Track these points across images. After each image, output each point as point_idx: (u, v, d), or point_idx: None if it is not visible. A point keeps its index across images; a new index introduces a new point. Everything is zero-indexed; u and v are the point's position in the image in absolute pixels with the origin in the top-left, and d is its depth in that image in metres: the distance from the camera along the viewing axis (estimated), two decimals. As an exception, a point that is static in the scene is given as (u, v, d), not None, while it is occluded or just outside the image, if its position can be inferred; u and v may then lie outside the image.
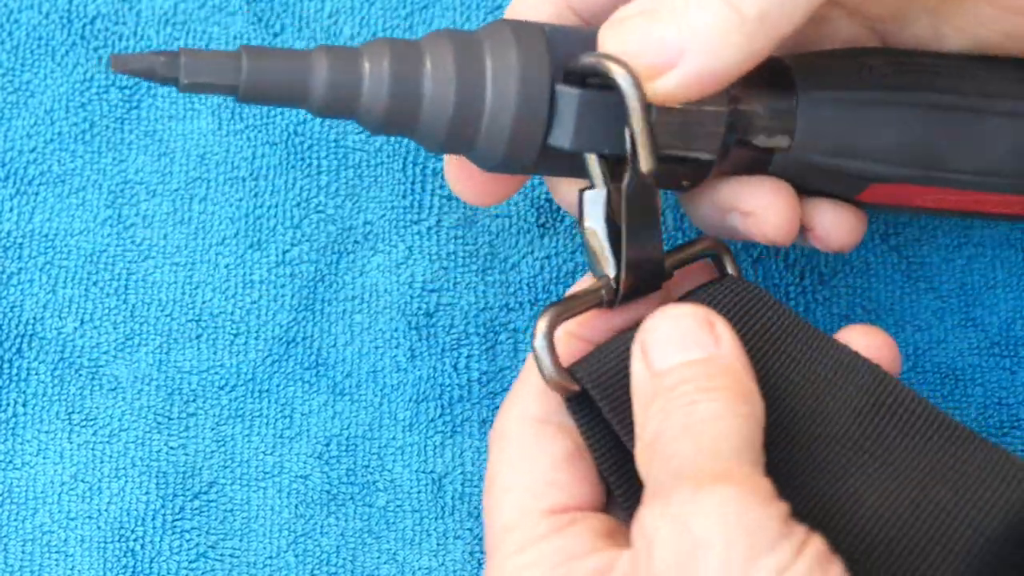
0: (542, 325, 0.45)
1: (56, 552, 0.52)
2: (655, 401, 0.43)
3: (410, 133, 0.45)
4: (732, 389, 0.42)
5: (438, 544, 0.52)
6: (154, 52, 0.44)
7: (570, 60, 0.45)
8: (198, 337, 0.54)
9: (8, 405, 0.53)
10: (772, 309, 0.46)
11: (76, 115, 0.55)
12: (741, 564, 0.38)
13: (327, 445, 0.53)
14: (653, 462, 0.42)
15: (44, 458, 0.53)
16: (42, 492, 0.52)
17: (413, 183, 0.55)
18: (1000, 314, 0.54)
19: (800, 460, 0.44)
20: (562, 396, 0.45)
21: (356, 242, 0.54)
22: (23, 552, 0.52)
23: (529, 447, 0.45)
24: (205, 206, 0.55)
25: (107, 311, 0.54)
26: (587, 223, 0.46)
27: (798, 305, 0.54)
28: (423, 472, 0.53)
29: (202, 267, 0.54)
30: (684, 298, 0.47)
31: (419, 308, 0.54)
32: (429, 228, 0.55)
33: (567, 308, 0.46)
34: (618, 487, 0.45)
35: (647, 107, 0.44)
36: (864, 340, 0.46)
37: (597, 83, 0.45)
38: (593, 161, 0.45)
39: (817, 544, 0.39)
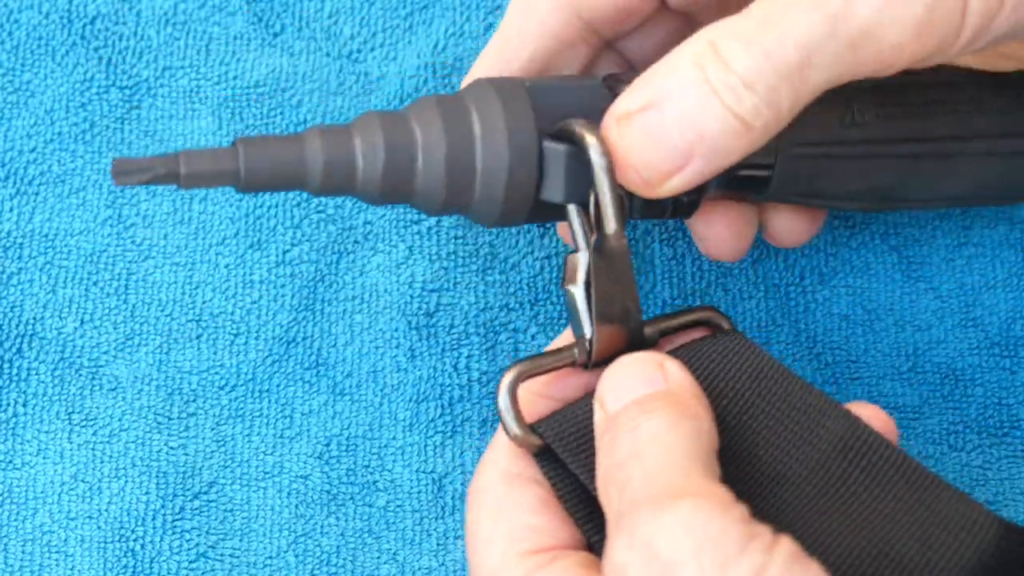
0: (505, 382, 0.46)
1: (56, 552, 0.52)
2: (604, 436, 0.43)
3: (408, 201, 0.46)
4: (672, 407, 0.43)
5: (438, 544, 0.52)
6: (153, 157, 0.44)
7: (553, 117, 0.45)
8: (198, 337, 0.54)
9: (8, 405, 0.53)
10: (754, 357, 0.46)
11: (76, 115, 0.56)
12: (716, 573, 0.38)
13: (327, 445, 0.53)
14: (610, 494, 0.42)
15: (44, 458, 0.53)
16: (42, 492, 0.52)
17: (413, 183, 0.55)
18: (1000, 314, 0.54)
19: (764, 505, 0.44)
20: (529, 452, 0.46)
21: (356, 242, 0.54)
22: (23, 552, 0.52)
23: (505, 499, 0.46)
24: (205, 206, 0.55)
25: (107, 311, 0.54)
26: (567, 283, 0.46)
27: (798, 305, 0.54)
28: (423, 472, 0.53)
29: (202, 267, 0.54)
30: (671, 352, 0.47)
31: (419, 308, 0.54)
32: (429, 228, 0.55)
33: (534, 366, 0.46)
34: (593, 535, 0.45)
35: (614, 184, 0.44)
36: (859, 412, 0.46)
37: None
38: (573, 215, 0.46)
39: (787, 543, 0.39)
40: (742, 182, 0.48)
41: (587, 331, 0.46)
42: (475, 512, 0.47)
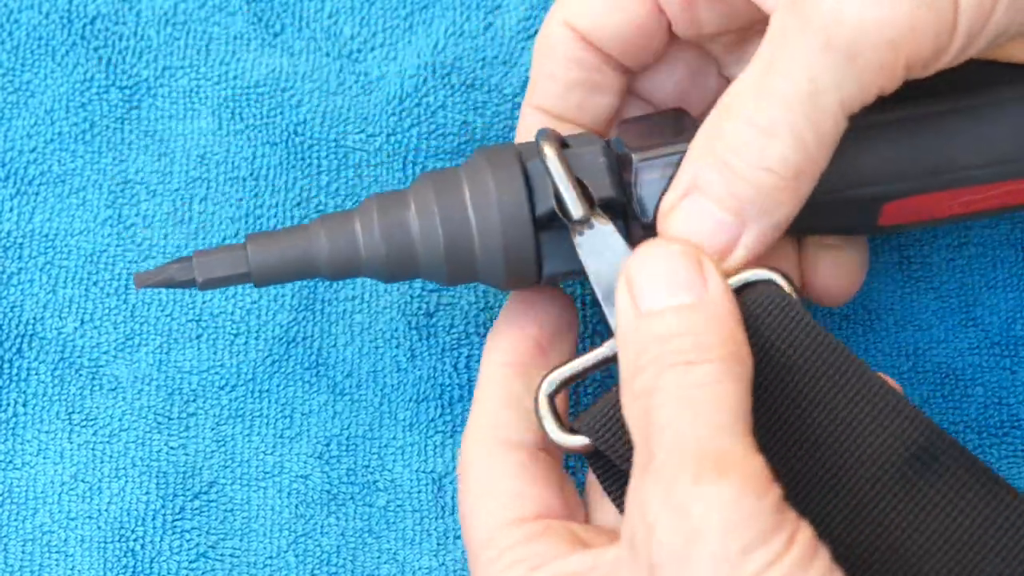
0: (544, 389, 0.46)
1: (56, 552, 0.52)
2: (647, 350, 0.42)
3: (417, 275, 0.48)
4: (726, 348, 0.42)
5: (438, 544, 0.52)
6: (169, 263, 0.48)
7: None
8: (198, 337, 0.54)
9: (8, 405, 0.53)
10: (818, 336, 0.45)
11: (76, 115, 0.56)
12: (734, 556, 0.39)
13: (327, 445, 0.53)
14: (649, 427, 0.42)
15: (44, 458, 0.53)
16: (42, 492, 0.52)
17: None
18: (1000, 314, 0.54)
19: (798, 486, 0.44)
20: (579, 453, 0.46)
21: (356, 242, 0.54)
22: (23, 552, 0.52)
23: (487, 469, 0.46)
24: (205, 206, 0.55)
25: (107, 311, 0.54)
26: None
27: (798, 305, 0.54)
28: (423, 472, 0.53)
29: (202, 267, 0.54)
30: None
31: (419, 308, 0.54)
32: (429, 228, 0.55)
33: (571, 370, 0.46)
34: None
35: (569, 172, 0.46)
36: None
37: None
38: (567, 192, 0.46)
39: (806, 534, 0.40)
40: None
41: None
42: (462, 489, 0.47)
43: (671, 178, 0.46)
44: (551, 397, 0.46)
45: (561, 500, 0.46)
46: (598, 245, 0.46)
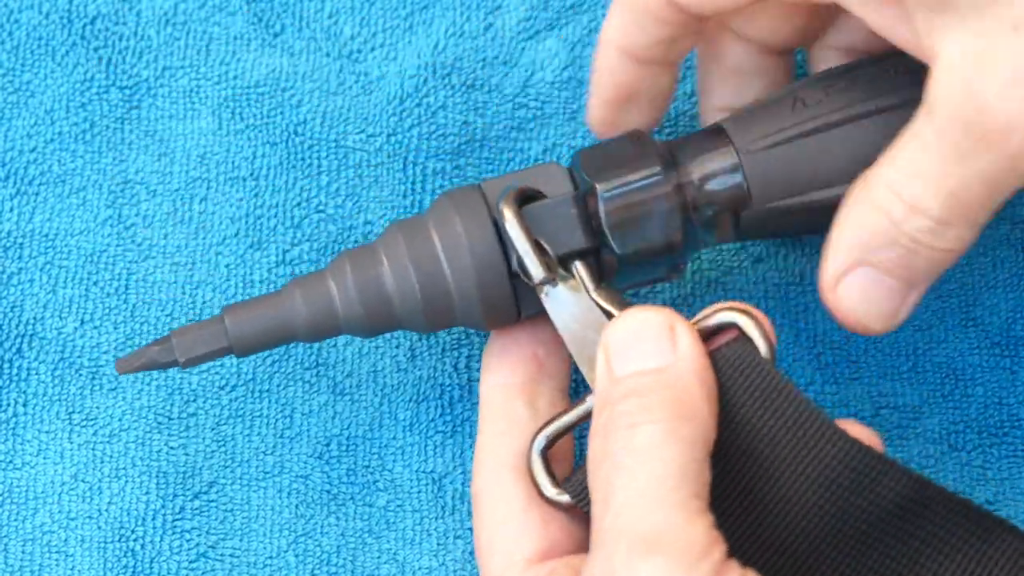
0: (536, 447, 0.47)
1: (56, 552, 0.52)
2: (603, 412, 0.43)
3: (398, 326, 0.48)
4: (674, 409, 0.42)
5: (438, 544, 0.52)
6: (148, 345, 0.48)
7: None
8: (198, 337, 0.54)
9: (8, 405, 0.53)
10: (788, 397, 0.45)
11: (76, 115, 0.56)
12: None
13: (327, 445, 0.53)
14: (595, 494, 0.42)
15: (44, 458, 0.53)
16: (42, 492, 0.52)
17: (413, 183, 0.55)
18: (1000, 314, 0.54)
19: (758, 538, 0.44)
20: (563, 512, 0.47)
21: (356, 242, 0.54)
22: (23, 552, 0.52)
23: (499, 498, 0.47)
24: (205, 206, 0.55)
25: (107, 311, 0.54)
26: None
27: (798, 305, 0.54)
28: (423, 472, 0.53)
29: (202, 267, 0.54)
30: None
31: (419, 308, 0.54)
32: (429, 228, 0.55)
33: (561, 425, 0.47)
34: None
35: (527, 235, 0.46)
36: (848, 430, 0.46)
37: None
38: (526, 256, 0.47)
39: None
40: (719, 197, 0.48)
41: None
42: (475, 516, 0.47)
43: (637, 205, 0.47)
44: (543, 453, 0.47)
45: (567, 533, 0.46)
46: (564, 302, 0.47)
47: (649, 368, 0.43)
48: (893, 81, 0.48)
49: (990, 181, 0.43)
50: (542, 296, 0.47)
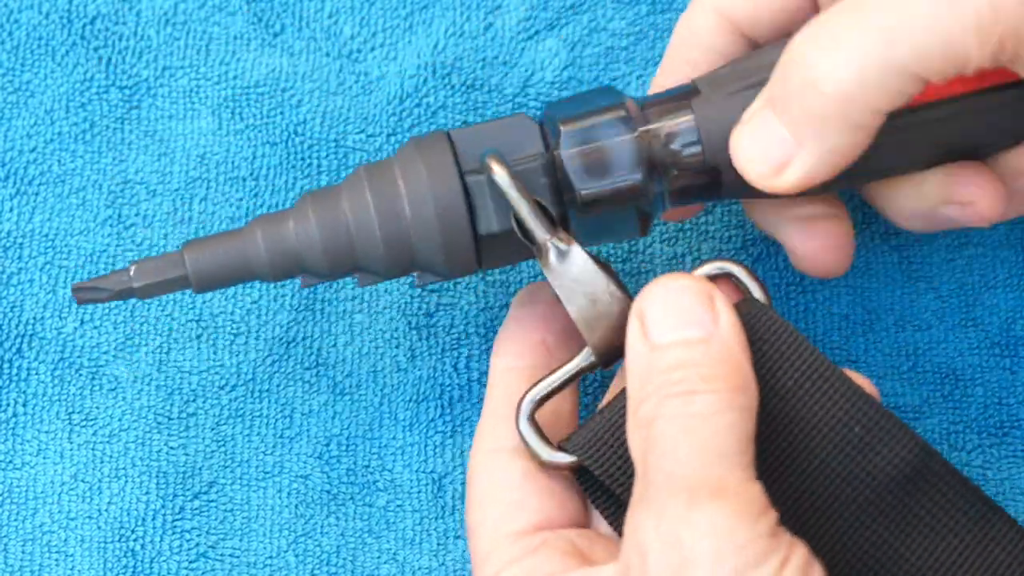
0: (523, 409, 0.46)
1: (56, 552, 0.52)
2: (652, 379, 0.43)
3: (358, 270, 0.47)
4: (730, 380, 0.42)
5: (438, 544, 0.52)
6: (107, 276, 0.47)
7: (477, 157, 0.47)
8: (198, 337, 0.54)
9: (8, 405, 0.53)
10: (798, 346, 0.45)
11: (76, 115, 0.56)
12: None
13: (327, 445, 0.53)
14: (648, 454, 0.42)
15: (44, 458, 0.53)
16: (42, 492, 0.52)
17: (413, 183, 0.55)
18: (1000, 314, 0.54)
19: (796, 506, 0.44)
20: (565, 473, 0.46)
21: (356, 242, 0.54)
22: (23, 552, 0.52)
23: (492, 477, 0.47)
24: (205, 206, 0.55)
25: (107, 311, 0.54)
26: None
27: (798, 305, 0.54)
28: (423, 472, 0.53)
29: (202, 267, 0.54)
30: None
31: (419, 308, 0.54)
32: (429, 228, 0.55)
33: (547, 385, 0.47)
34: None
35: (525, 195, 0.46)
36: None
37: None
38: (529, 216, 0.46)
39: (800, 553, 0.40)
40: (680, 149, 0.47)
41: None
42: (468, 494, 0.47)
43: (600, 147, 0.46)
44: (531, 416, 0.46)
45: (561, 507, 0.46)
46: (564, 262, 0.46)
47: (694, 338, 0.43)
48: None
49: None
50: (540, 257, 0.46)
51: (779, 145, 0.44)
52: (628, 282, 0.54)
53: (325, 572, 0.52)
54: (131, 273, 0.47)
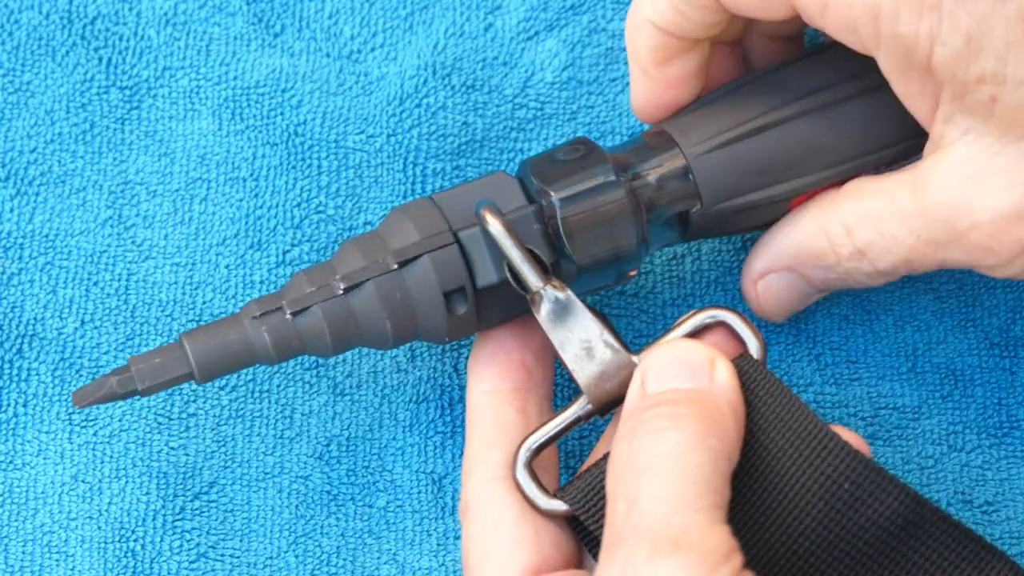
0: (520, 458, 0.47)
1: (56, 552, 0.52)
2: (630, 419, 0.44)
3: (362, 342, 0.48)
4: (704, 420, 0.43)
5: (438, 544, 0.52)
6: (107, 375, 0.47)
7: (466, 215, 0.47)
8: (198, 337, 0.54)
9: (8, 405, 0.53)
10: (780, 396, 0.45)
11: (76, 115, 0.56)
12: None
13: (327, 445, 0.53)
14: (616, 502, 0.42)
15: (44, 458, 0.53)
16: (42, 492, 0.52)
17: (413, 183, 0.55)
18: (1000, 314, 0.54)
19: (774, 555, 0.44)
20: (559, 521, 0.47)
21: (356, 242, 0.54)
22: (23, 552, 0.52)
23: (490, 511, 0.47)
24: (206, 206, 0.55)
25: (107, 311, 0.54)
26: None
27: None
28: (423, 472, 0.53)
29: (202, 267, 0.54)
30: None
31: (419, 308, 0.54)
32: (429, 228, 0.55)
33: (544, 435, 0.47)
34: None
35: (519, 244, 0.46)
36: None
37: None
38: (523, 266, 0.47)
39: None
40: (672, 200, 0.49)
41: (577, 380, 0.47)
42: (465, 529, 0.47)
43: (593, 210, 0.47)
44: (529, 464, 0.47)
45: (556, 547, 0.47)
46: (556, 310, 0.47)
47: (684, 388, 0.44)
48: (828, 76, 0.49)
49: (944, 262, 0.46)
50: (534, 305, 0.47)
51: (802, 300, 0.51)
52: (627, 302, 0.54)
53: (325, 572, 0.52)
54: (133, 374, 0.47)
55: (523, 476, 0.46)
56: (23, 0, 0.56)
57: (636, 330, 0.54)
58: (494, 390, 0.48)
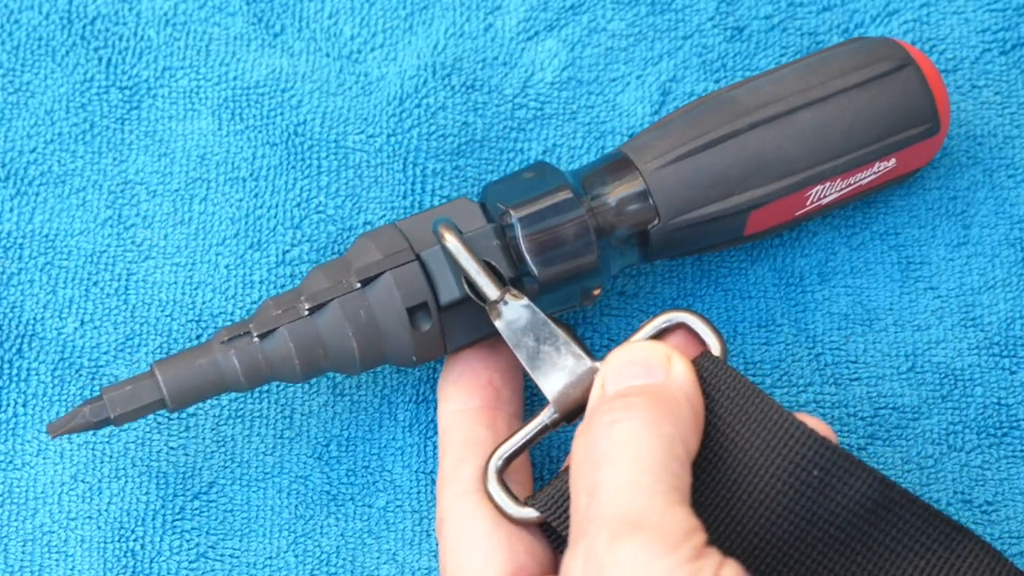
0: (491, 468, 0.47)
1: (56, 552, 0.52)
2: (588, 418, 0.44)
3: (330, 369, 0.49)
4: (655, 408, 0.43)
5: (438, 544, 0.52)
6: (80, 405, 0.48)
7: (429, 239, 0.48)
8: (198, 337, 0.54)
9: (8, 405, 0.53)
10: (746, 392, 0.46)
11: (76, 115, 0.56)
12: None
13: (327, 445, 0.53)
14: (579, 496, 0.43)
15: (44, 458, 0.53)
16: (42, 492, 0.52)
17: (413, 183, 0.55)
18: (1000, 314, 0.54)
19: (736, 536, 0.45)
20: (530, 528, 0.47)
21: (356, 242, 0.55)
22: (23, 552, 0.52)
23: (464, 523, 0.47)
24: (205, 206, 0.55)
25: (107, 311, 0.54)
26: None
27: (798, 305, 0.54)
28: (423, 472, 0.53)
29: (202, 267, 0.54)
30: None
31: (419, 308, 0.54)
32: (429, 228, 0.55)
33: (513, 445, 0.47)
34: None
35: (474, 257, 0.47)
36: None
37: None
38: (478, 276, 0.47)
39: (731, 570, 0.41)
40: (630, 219, 0.50)
41: (542, 387, 0.47)
42: (441, 543, 0.48)
43: (553, 229, 0.48)
44: (500, 473, 0.47)
45: (530, 554, 0.47)
46: (516, 319, 0.47)
47: (639, 384, 0.45)
48: (778, 90, 0.50)
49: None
50: (493, 316, 0.47)
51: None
52: (627, 302, 0.54)
53: (325, 572, 0.52)
54: (104, 403, 0.47)
55: (494, 486, 0.47)
56: (23, 0, 0.56)
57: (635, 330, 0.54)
58: (464, 409, 0.49)
